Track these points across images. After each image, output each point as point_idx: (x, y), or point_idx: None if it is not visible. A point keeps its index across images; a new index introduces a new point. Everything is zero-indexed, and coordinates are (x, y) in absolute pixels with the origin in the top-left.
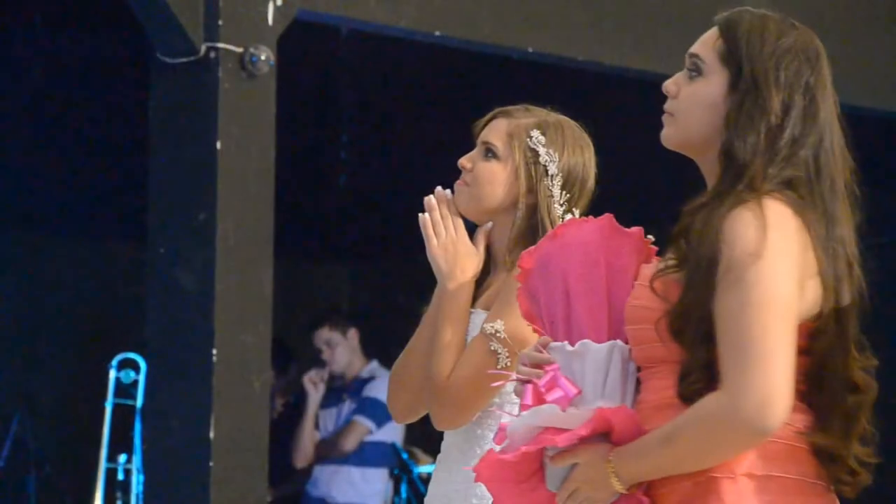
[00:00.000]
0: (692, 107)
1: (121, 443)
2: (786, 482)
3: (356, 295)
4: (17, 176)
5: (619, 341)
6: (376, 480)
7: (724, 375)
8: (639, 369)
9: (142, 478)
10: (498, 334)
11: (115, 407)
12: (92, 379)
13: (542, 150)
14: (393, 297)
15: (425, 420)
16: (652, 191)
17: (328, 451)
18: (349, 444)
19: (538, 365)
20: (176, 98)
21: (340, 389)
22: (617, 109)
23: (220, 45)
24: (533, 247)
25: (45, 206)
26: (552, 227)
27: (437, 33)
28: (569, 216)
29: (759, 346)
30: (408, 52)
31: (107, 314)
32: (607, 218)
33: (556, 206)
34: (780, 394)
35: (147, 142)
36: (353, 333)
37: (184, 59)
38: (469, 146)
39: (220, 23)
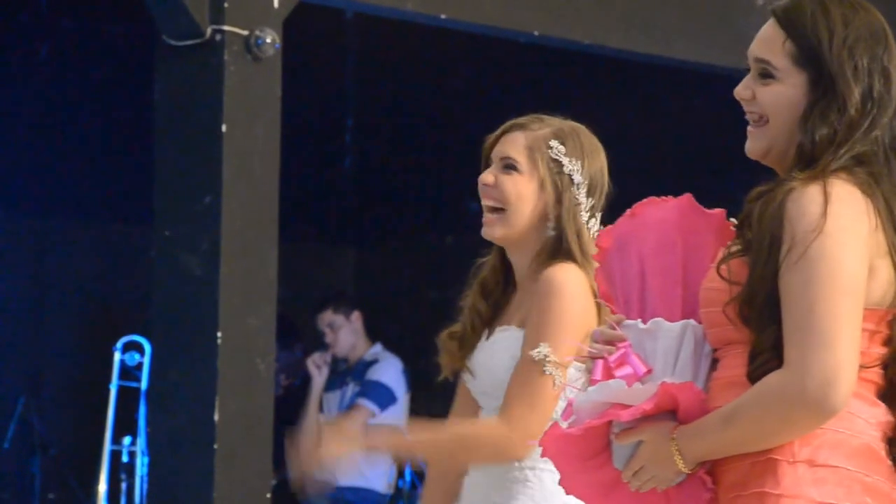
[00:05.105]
0: (777, 112)
1: (126, 425)
2: (848, 475)
3: (360, 278)
4: (23, 160)
5: (692, 321)
6: (380, 463)
7: (787, 354)
8: (714, 351)
9: (146, 460)
10: (547, 357)
11: (120, 389)
12: (97, 361)
13: (564, 160)
14: (397, 281)
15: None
16: (658, 173)
17: None
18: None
19: (610, 341)
20: (182, 81)
21: (344, 373)
22: (623, 92)
23: (226, 27)
24: (610, 225)
25: (51, 189)
26: (578, 236)
27: (443, 16)
28: (593, 221)
29: (823, 324)
30: (413, 36)
31: (112, 297)
32: (687, 197)
33: (582, 213)
34: (846, 372)
35: (153, 125)
36: (356, 316)
37: (189, 42)
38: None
39: (226, 5)
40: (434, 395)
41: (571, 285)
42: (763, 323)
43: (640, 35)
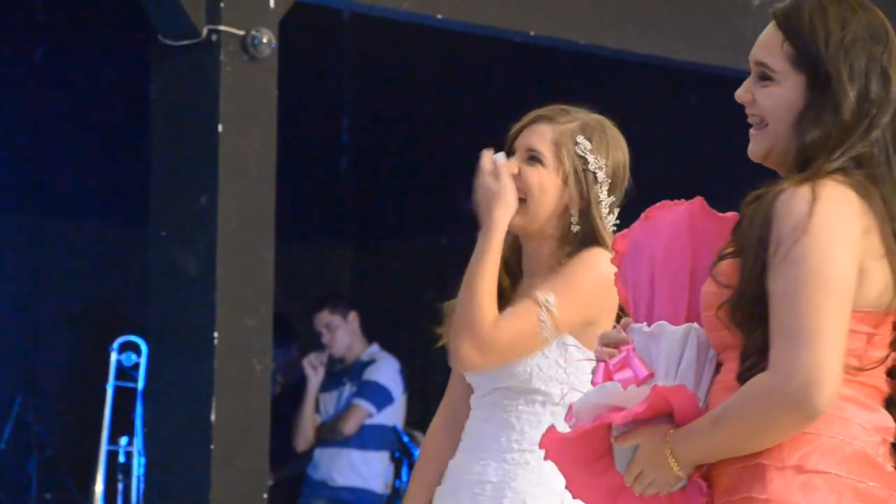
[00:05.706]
0: (775, 114)
1: (122, 425)
2: (839, 481)
3: (357, 278)
4: (19, 158)
5: (695, 325)
6: (377, 463)
7: (772, 354)
8: (718, 355)
9: (143, 460)
10: (548, 305)
11: (117, 389)
12: (93, 361)
13: (590, 158)
14: (394, 281)
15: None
16: (653, 173)
17: (328, 435)
18: (349, 427)
19: (614, 344)
20: (178, 81)
21: (341, 373)
22: (619, 93)
23: (222, 27)
24: (626, 229)
25: (47, 188)
26: (603, 232)
27: (439, 16)
28: (611, 217)
29: (807, 325)
30: (409, 36)
31: (108, 297)
32: (698, 201)
33: (604, 209)
34: (828, 373)
35: (148, 124)
36: (353, 316)
37: (186, 42)
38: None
39: (222, 5)
40: (431, 396)
41: (601, 265)
42: (752, 325)
43: (636, 35)
